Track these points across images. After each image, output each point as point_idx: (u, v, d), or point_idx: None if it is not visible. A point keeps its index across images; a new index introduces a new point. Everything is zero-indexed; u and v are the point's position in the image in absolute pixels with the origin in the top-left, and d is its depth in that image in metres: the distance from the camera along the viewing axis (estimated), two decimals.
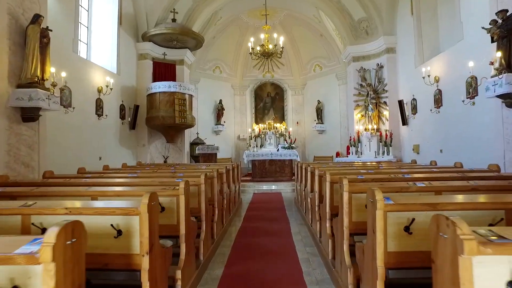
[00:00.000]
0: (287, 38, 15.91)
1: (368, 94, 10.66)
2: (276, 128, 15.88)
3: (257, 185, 10.60)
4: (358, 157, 10.55)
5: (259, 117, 16.74)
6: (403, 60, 9.79)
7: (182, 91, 10.03)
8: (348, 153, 13.64)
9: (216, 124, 15.63)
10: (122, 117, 9.50)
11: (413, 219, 2.07)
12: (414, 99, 9.00)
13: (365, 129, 10.69)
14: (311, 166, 6.03)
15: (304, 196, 6.36)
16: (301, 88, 16.56)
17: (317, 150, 15.69)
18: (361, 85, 11.07)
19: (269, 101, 16.77)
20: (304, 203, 6.42)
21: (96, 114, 8.09)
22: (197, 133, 14.55)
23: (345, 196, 2.94)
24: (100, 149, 8.26)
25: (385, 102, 10.45)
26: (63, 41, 6.92)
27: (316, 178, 4.74)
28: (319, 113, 15.51)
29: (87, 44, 8.77)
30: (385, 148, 10.01)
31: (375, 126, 10.48)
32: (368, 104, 10.61)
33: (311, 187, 5.47)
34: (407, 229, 2.06)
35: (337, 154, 14.70)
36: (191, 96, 10.56)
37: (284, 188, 10.31)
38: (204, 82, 15.33)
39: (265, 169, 11.50)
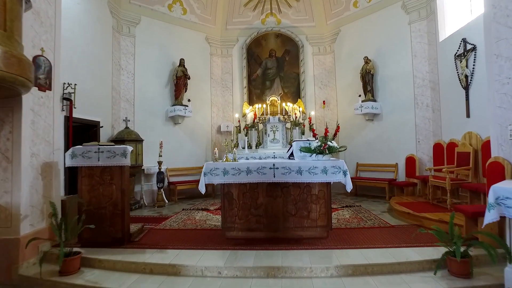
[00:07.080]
0: None
1: None
2: (287, 113, 8.66)
3: (230, 269, 3.35)
4: None
5: (255, 94, 9.53)
6: None
7: None
8: (440, 163, 6.26)
9: (174, 105, 8.42)
10: None
11: None
12: None
13: None
14: None
15: None
16: (330, 40, 9.29)
17: (364, 152, 8.38)
18: None
19: (273, 65, 9.54)
20: None
21: None
22: (126, 119, 7.34)
23: None
24: None
25: None
26: None
27: None
28: (368, 82, 8.18)
29: None
30: None
31: None
32: None
33: None
34: None
35: (411, 161, 7.31)
36: None
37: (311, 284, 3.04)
38: (149, 25, 8.13)
39: (256, 209, 4.25)
